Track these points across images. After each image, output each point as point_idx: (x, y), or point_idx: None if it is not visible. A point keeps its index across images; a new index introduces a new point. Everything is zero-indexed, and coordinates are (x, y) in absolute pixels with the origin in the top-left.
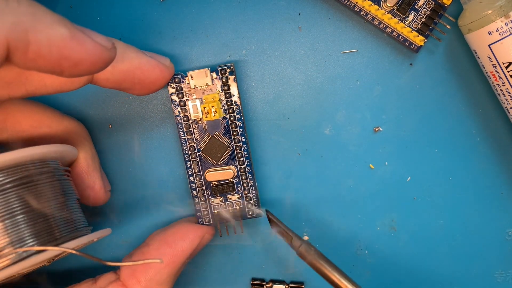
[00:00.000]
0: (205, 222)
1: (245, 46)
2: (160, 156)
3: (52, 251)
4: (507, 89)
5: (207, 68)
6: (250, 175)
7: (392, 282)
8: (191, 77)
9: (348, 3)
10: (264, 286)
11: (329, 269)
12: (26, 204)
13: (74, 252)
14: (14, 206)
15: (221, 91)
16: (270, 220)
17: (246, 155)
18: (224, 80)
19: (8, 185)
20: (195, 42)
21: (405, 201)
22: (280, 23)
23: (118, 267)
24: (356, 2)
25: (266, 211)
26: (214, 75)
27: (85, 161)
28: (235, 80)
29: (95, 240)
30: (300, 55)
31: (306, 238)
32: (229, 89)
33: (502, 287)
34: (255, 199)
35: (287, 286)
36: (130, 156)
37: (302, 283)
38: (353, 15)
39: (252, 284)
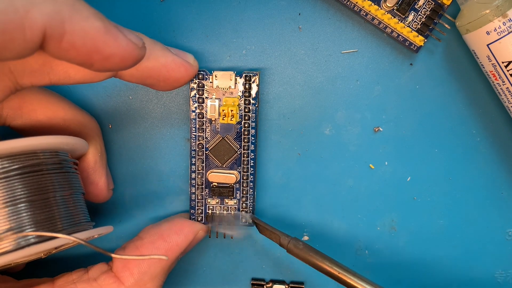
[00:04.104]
0: (197, 220)
1: (245, 46)
2: (160, 156)
3: (54, 241)
4: (507, 88)
5: (232, 72)
6: (251, 183)
7: (392, 282)
8: (216, 76)
9: (348, 3)
10: (264, 286)
11: (320, 259)
12: (32, 192)
13: (83, 242)
14: (20, 193)
15: (241, 96)
16: (256, 224)
17: (252, 163)
18: (247, 86)
19: (17, 172)
20: (195, 42)
21: (405, 201)
22: (280, 23)
23: (110, 258)
24: (356, 2)
25: (251, 216)
26: (238, 79)
27: (93, 157)
28: (258, 87)
29: (96, 236)
30: (300, 55)
31: (306, 238)
32: (249, 96)
33: (502, 287)
34: (251, 208)
35: (287, 286)
36: (129, 157)
37: (302, 283)
38: (353, 15)
39: (252, 284)
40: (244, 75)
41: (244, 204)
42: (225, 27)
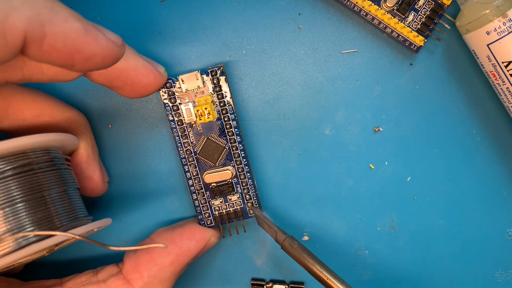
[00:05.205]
0: (207, 224)
1: (245, 46)
2: (160, 156)
3: (54, 238)
4: (507, 88)
5: (197, 71)
6: (248, 174)
7: (392, 282)
8: (182, 80)
9: (348, 3)
10: (264, 286)
11: (312, 261)
12: (26, 192)
13: (80, 238)
14: (14, 194)
15: (213, 93)
16: (256, 216)
17: (243, 155)
18: (215, 81)
19: (9, 173)
20: (195, 42)
21: (405, 201)
22: (280, 23)
23: (120, 260)
24: (356, 2)
25: (251, 208)
26: (205, 77)
27: (85, 152)
28: (226, 80)
29: (95, 230)
30: (300, 55)
31: (306, 238)
32: (221, 90)
33: (502, 287)
34: (255, 198)
35: (287, 286)
36: (130, 157)
37: (302, 283)
38: (353, 15)
39: (252, 284)
40: (209, 71)
41: (247, 196)
42: (225, 27)
